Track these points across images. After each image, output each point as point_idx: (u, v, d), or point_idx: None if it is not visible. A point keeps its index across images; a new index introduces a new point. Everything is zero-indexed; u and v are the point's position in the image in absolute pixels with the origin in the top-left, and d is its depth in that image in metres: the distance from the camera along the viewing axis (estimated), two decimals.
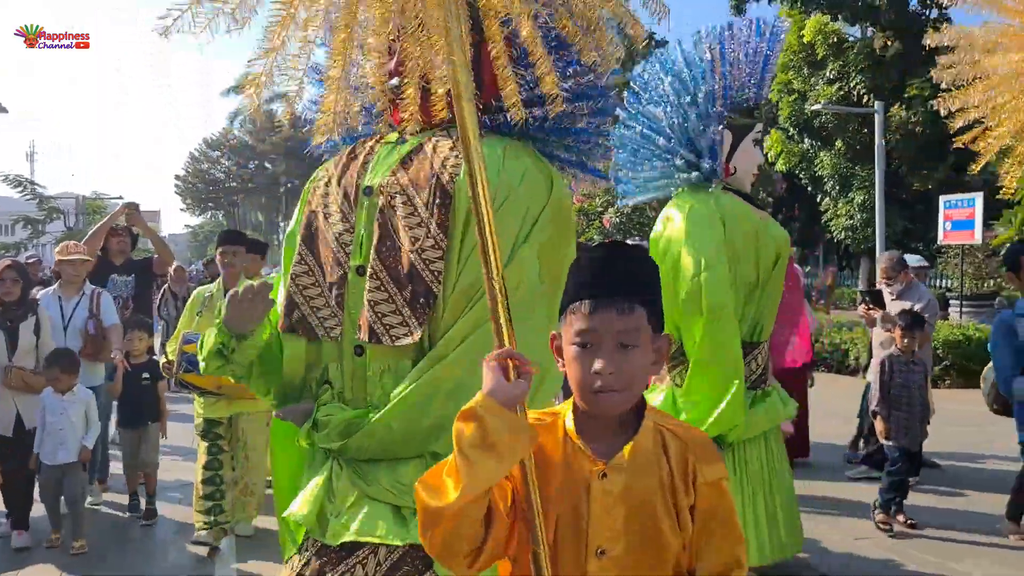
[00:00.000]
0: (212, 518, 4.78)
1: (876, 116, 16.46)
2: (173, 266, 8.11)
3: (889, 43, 19.01)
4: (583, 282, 1.42)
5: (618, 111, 3.51)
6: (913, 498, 5.59)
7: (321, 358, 2.13)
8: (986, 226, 12.83)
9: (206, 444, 4.88)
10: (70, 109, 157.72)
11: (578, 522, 1.40)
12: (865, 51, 19.27)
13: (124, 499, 5.75)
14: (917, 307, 6.30)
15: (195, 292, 5.33)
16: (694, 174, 3.50)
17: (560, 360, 1.45)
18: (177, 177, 57.08)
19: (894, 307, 6.43)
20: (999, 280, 18.65)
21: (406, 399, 1.92)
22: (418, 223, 2.00)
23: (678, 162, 3.53)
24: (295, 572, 2.04)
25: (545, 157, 2.28)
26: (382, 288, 2.00)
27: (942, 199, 14.26)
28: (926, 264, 7.05)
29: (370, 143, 2.26)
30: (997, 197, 4.50)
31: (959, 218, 13.32)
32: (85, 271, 5.69)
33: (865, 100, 18.77)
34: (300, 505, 2.05)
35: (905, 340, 5.41)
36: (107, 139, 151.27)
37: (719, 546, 1.44)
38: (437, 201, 1.99)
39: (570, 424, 1.47)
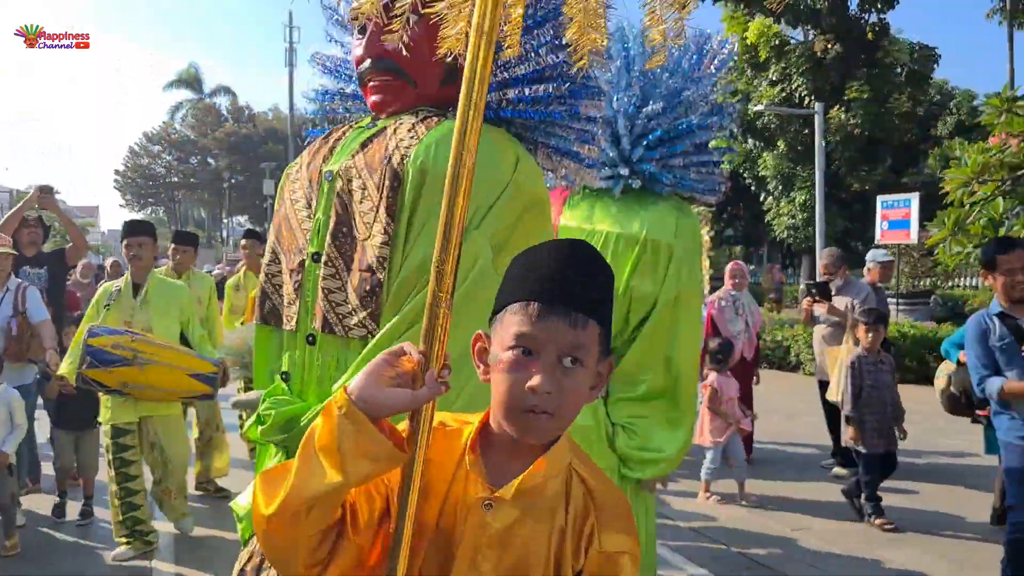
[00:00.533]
0: (128, 530, 4.64)
1: (816, 117, 16.81)
2: (109, 261, 7.91)
3: (829, 46, 19.44)
4: (536, 280, 1.17)
5: None
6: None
7: (282, 348, 2.09)
8: (921, 226, 13.17)
9: (111, 456, 4.61)
10: (70, 109, 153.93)
11: (446, 557, 1.18)
12: (806, 54, 19.67)
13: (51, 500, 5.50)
14: (856, 302, 6.44)
15: (103, 286, 5.09)
16: (637, 180, 3.18)
17: (481, 366, 1.22)
18: (117, 172, 55.73)
19: (834, 302, 6.58)
20: (934, 279, 19.24)
21: None
22: (369, 207, 1.94)
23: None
24: (241, 565, 1.97)
25: (530, 144, 2.22)
26: (336, 276, 1.95)
27: (879, 199, 14.61)
28: (891, 259, 7.21)
29: (344, 128, 2.21)
30: (932, 198, 4.57)
31: (895, 218, 13.68)
32: (10, 264, 5.34)
33: (806, 102, 19.17)
34: (245, 496, 2.01)
35: (870, 336, 5.27)
36: (107, 139, 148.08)
37: None
38: (386, 183, 1.93)
39: (473, 438, 1.23)
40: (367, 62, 2.11)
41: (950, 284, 19.80)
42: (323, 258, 1.97)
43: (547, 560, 1.18)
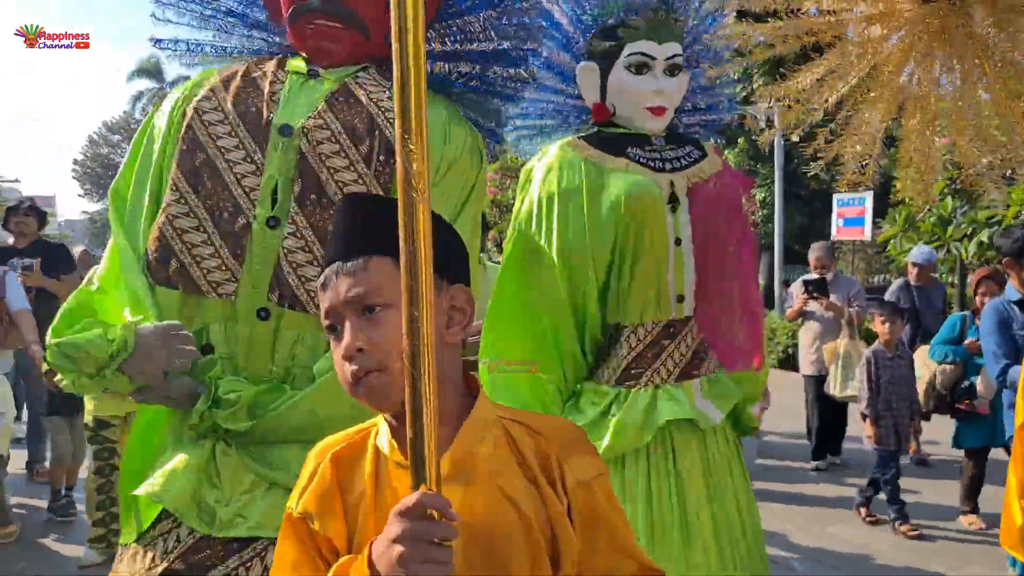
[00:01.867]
0: (106, 528, 4.41)
1: (776, 116, 17.15)
2: (78, 250, 7.89)
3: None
4: (327, 245, 1.14)
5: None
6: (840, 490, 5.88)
7: (201, 317, 1.78)
8: (875, 223, 13.51)
9: (94, 448, 4.45)
10: (70, 109, 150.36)
11: None
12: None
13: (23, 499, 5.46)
14: (851, 296, 6.50)
15: (88, 274, 4.97)
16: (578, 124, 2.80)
17: None
18: (75, 162, 54.73)
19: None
20: (887, 276, 19.76)
21: (333, 382, 1.53)
22: (354, 179, 1.75)
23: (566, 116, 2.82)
24: (165, 565, 1.69)
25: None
26: (306, 248, 1.73)
27: (835, 197, 14.94)
28: (922, 263, 6.97)
29: (269, 67, 1.89)
30: (886, 195, 4.62)
31: (850, 215, 14.00)
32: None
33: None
34: (163, 484, 1.70)
35: (887, 328, 5.10)
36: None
37: (605, 562, 1.12)
38: (381, 158, 1.76)
39: (384, 438, 1.11)
40: (316, 1, 1.83)
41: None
42: (288, 226, 1.75)
43: (525, 521, 1.06)
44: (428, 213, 0.94)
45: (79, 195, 56.56)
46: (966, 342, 5.12)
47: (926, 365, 5.33)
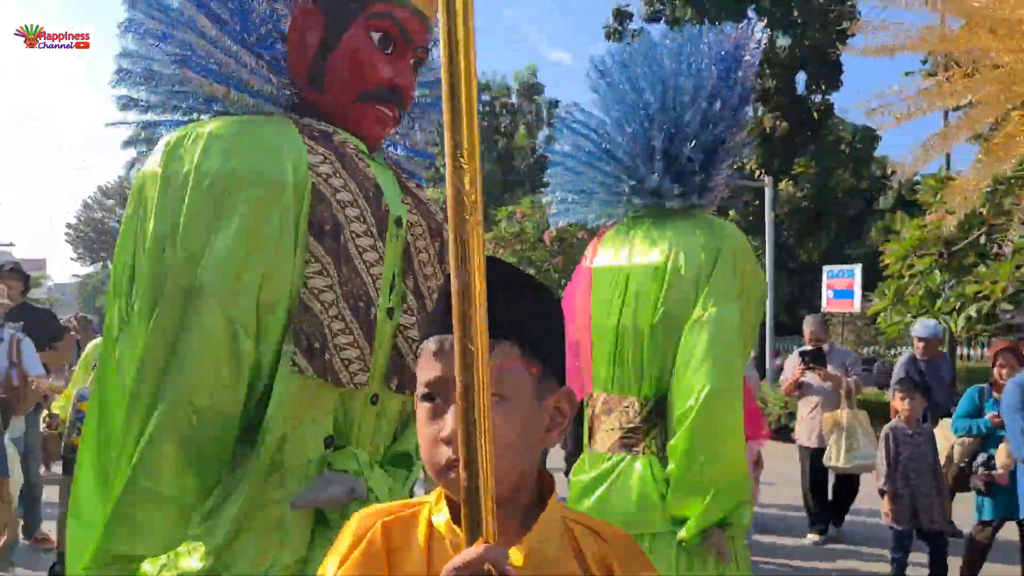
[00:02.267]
0: None
1: (766, 190, 17.50)
2: (77, 316, 7.90)
3: (778, 123, 20.42)
4: (434, 312, 1.05)
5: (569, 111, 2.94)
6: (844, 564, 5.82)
7: (322, 407, 1.70)
8: (864, 296, 13.68)
9: None
10: (70, 109, 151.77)
11: None
12: (757, 129, 20.60)
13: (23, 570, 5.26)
14: (848, 363, 6.54)
15: (91, 344, 4.99)
16: (675, 200, 2.68)
17: None
18: (69, 225, 55.05)
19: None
20: (876, 348, 19.90)
21: None
22: (432, 273, 1.85)
23: (652, 179, 2.67)
24: None
25: None
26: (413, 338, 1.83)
27: (825, 269, 15.16)
28: (928, 336, 6.91)
29: (348, 139, 1.80)
30: (874, 269, 4.72)
31: (840, 287, 14.18)
32: (2, 314, 5.16)
33: (757, 175, 20.00)
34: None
35: (907, 404, 4.98)
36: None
37: None
38: (438, 258, 1.89)
39: (442, 517, 1.02)
40: (387, 87, 1.82)
41: (892, 352, 20.52)
42: (406, 316, 1.78)
43: None
44: (482, 237, 0.85)
45: (72, 259, 56.68)
46: (988, 415, 5.10)
47: (945, 439, 5.29)
